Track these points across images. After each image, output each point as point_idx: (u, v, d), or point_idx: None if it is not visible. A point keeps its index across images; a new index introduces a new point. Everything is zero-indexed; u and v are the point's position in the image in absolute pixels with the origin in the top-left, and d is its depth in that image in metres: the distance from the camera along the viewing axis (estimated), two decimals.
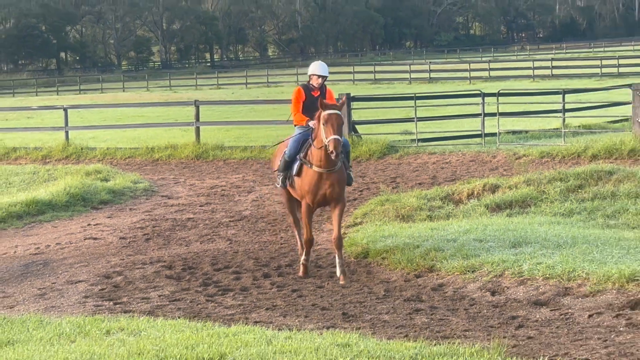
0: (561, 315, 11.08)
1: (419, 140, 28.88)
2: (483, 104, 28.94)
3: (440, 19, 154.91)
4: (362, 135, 28.48)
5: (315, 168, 13.81)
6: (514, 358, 7.93)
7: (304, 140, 14.38)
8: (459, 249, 14.08)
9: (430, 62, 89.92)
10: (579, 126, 30.64)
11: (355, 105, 29.30)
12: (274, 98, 56.42)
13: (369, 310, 11.88)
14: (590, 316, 10.86)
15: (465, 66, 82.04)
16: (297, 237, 15.13)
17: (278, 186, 14.91)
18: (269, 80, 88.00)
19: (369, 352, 8.08)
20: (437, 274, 13.45)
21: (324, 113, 13.48)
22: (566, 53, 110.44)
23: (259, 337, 9.06)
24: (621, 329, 10.20)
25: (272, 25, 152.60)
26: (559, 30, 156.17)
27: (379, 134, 29.23)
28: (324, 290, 13.24)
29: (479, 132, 28.82)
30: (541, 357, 8.07)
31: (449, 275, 13.30)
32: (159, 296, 13.12)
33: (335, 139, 13.23)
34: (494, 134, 28.43)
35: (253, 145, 29.60)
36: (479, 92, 30.25)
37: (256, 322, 11.06)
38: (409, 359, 7.78)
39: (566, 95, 29.80)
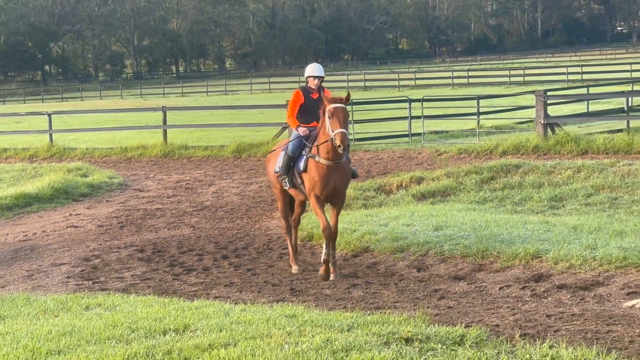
0: (476, 288, 11.17)
1: (355, 139, 28.92)
2: (410, 108, 29.07)
3: (373, 35, 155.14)
4: None
5: (322, 161, 12.22)
6: (436, 325, 7.97)
7: (306, 138, 12.77)
8: (390, 232, 14.14)
9: (365, 73, 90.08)
10: (491, 127, 30.86)
11: None
12: (231, 104, 56.27)
13: (313, 286, 11.90)
14: (500, 288, 10.95)
15: (395, 76, 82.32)
16: (289, 244, 13.57)
17: (286, 188, 13.09)
18: (227, 89, 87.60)
19: (312, 321, 8.08)
20: (371, 254, 13.49)
21: (330, 106, 11.97)
22: (480, 64, 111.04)
23: (218, 310, 9.04)
24: (527, 298, 10.30)
25: (229, 42, 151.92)
26: (474, 45, 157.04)
27: None
28: (275, 269, 13.24)
29: (407, 133, 28.95)
30: (459, 324, 8.12)
31: (381, 255, 13.34)
32: (132, 276, 13.06)
33: (341, 132, 11.72)
34: (419, 134, 28.57)
35: (213, 145, 29.45)
36: (406, 98, 30.39)
37: (216, 297, 11.03)
38: (347, 327, 7.78)
39: (480, 101, 30.03)
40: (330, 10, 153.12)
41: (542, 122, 24.38)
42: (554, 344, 7.13)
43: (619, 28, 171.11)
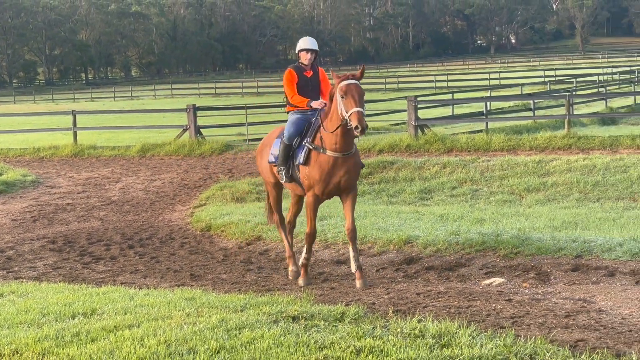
0: None
1: (249, 140, 28.86)
2: None
3: (265, 47, 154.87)
4: (205, 137, 28.25)
5: (329, 152, 9.64)
6: (320, 304, 8.01)
7: (308, 124, 10.21)
8: None
9: (258, 80, 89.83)
10: (371, 128, 31.18)
11: (200, 113, 29.02)
12: (137, 108, 55.45)
13: (211, 271, 11.82)
14: (377, 270, 11.07)
15: None
16: (284, 239, 11.21)
17: (283, 181, 10.48)
18: (133, 95, 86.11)
19: (209, 303, 8.03)
20: (263, 242, 13.48)
21: (342, 84, 9.39)
22: None
23: (123, 294, 8.88)
24: (399, 279, 10.44)
25: (134, 52, 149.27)
26: (354, 55, 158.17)
27: (219, 135, 29.07)
28: (176, 257, 13.09)
29: None
30: (340, 303, 8.18)
31: (272, 242, 13.34)
32: (44, 265, 12.72)
33: (358, 111, 9.14)
34: None
35: (120, 145, 28.93)
36: None
37: (122, 283, 10.85)
38: (240, 307, 7.76)
39: None
40: (226, 24, 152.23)
41: (413, 124, 24.78)
42: (422, 318, 7.25)
43: (479, 42, 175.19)
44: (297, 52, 10.57)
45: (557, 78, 62.73)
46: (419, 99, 27.14)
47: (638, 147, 21.61)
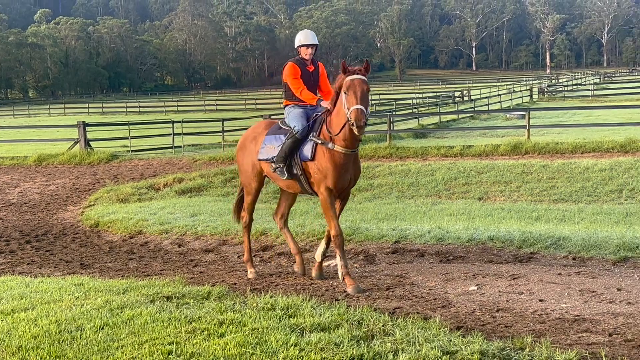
0: (221, 257, 11.17)
1: (132, 150, 28.10)
2: (173, 127, 28.68)
3: (146, 73, 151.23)
4: (94, 148, 27.27)
5: (338, 148, 7.66)
6: (190, 285, 7.90)
7: (311, 117, 8.14)
8: (158, 219, 13.88)
9: (139, 101, 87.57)
10: (232, 140, 31.02)
11: (89, 129, 28.00)
12: (34, 124, 52.91)
13: (99, 261, 11.43)
14: (238, 257, 11.00)
15: (162, 104, 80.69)
16: (246, 241, 9.08)
17: (283, 178, 8.20)
18: (30, 113, 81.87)
19: (96, 288, 7.75)
20: (144, 236, 13.18)
21: (347, 79, 7.44)
22: (225, 96, 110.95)
23: (20, 282, 8.44)
24: (257, 263, 10.42)
25: (31, 76, 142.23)
26: (220, 81, 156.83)
27: (106, 147, 28.16)
28: (68, 250, 12.59)
29: (171, 145, 28.53)
30: (207, 284, 8.10)
31: (152, 235, 13.06)
32: None
33: (357, 108, 7.22)
34: (180, 146, 28.27)
35: (18, 156, 27.47)
36: (170, 120, 29.98)
37: (20, 273, 10.31)
38: (123, 290, 7.53)
39: (225, 122, 30.16)
40: (111, 54, 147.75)
41: None
42: (274, 294, 7.28)
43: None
44: (296, 47, 8.39)
45: (381, 101, 64.46)
46: (272, 117, 27.23)
47: (442, 155, 22.51)
